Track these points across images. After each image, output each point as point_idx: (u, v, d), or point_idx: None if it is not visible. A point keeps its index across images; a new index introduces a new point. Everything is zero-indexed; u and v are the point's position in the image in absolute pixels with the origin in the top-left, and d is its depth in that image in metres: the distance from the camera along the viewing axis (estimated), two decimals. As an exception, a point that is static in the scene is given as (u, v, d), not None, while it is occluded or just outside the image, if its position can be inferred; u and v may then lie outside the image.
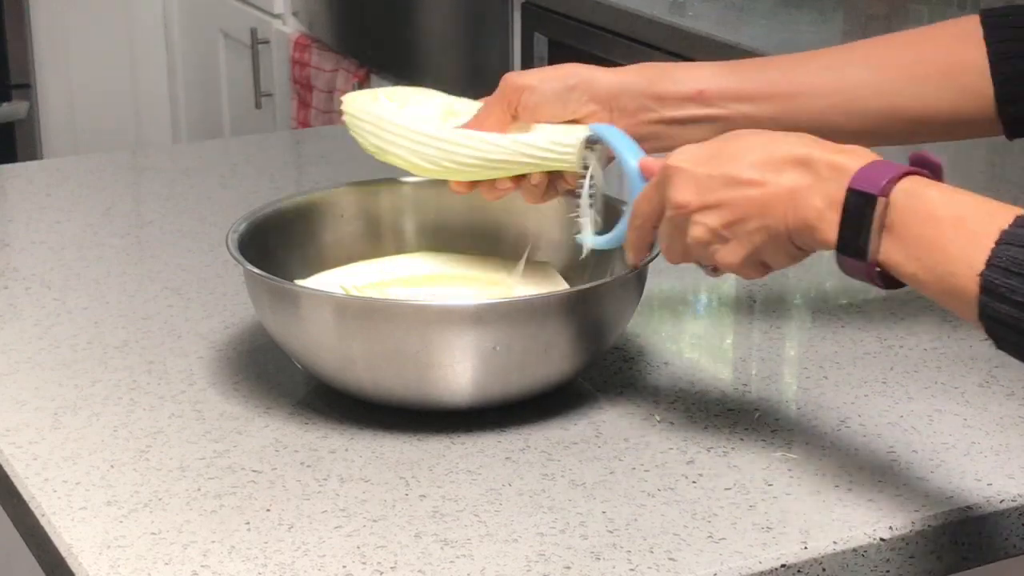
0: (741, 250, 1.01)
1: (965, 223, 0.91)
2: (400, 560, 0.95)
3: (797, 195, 0.97)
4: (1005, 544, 1.03)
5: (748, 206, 0.99)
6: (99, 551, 0.96)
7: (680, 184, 1.02)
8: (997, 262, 0.88)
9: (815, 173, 0.97)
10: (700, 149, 1.03)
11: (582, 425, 1.12)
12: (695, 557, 0.95)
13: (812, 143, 0.99)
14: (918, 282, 0.93)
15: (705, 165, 1.02)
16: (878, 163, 0.96)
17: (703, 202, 1.01)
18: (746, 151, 1.01)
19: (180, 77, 4.05)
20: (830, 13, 2.49)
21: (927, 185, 0.94)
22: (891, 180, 0.94)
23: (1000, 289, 0.87)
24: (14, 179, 1.71)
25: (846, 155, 0.97)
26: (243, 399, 1.16)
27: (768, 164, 0.99)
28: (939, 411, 1.15)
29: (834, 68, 1.19)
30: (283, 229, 1.25)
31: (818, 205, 0.96)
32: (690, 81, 1.17)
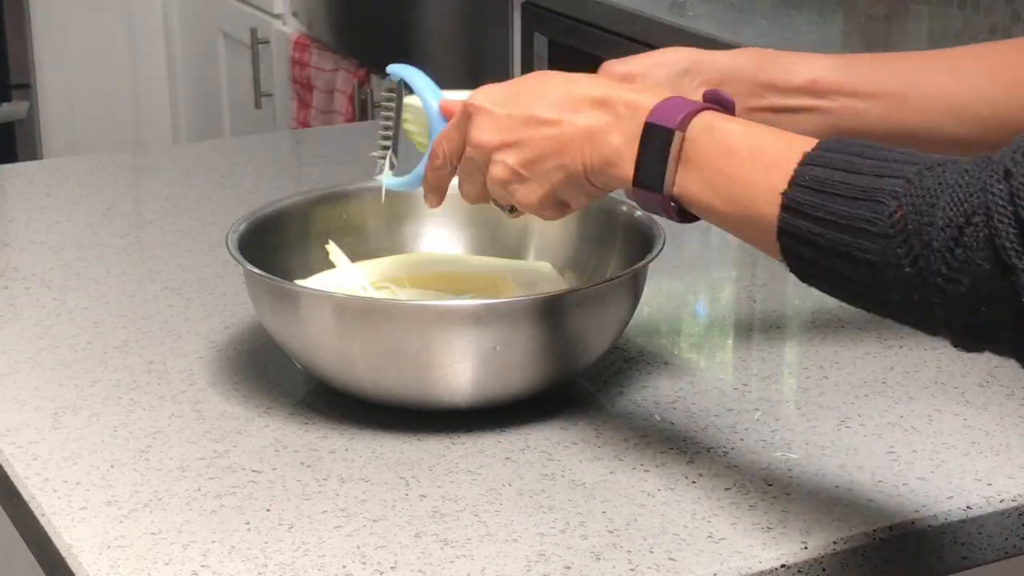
0: (539, 189, 1.03)
1: (764, 151, 0.92)
2: (400, 560, 0.95)
3: (595, 134, 0.99)
4: (1005, 544, 1.03)
5: (546, 145, 1.01)
6: (99, 551, 0.96)
7: (480, 123, 1.04)
8: (800, 181, 0.89)
9: (613, 112, 0.99)
10: (501, 89, 1.05)
11: (582, 425, 1.12)
12: (695, 557, 0.95)
13: (608, 83, 1.01)
14: (715, 212, 0.95)
15: (505, 105, 1.03)
16: (674, 99, 0.97)
17: (502, 141, 1.03)
18: (546, 91, 1.02)
19: (180, 77, 4.05)
20: (830, 13, 2.49)
21: (724, 119, 0.96)
22: (687, 115, 0.96)
23: (803, 206, 0.88)
24: (14, 179, 1.71)
25: (643, 93, 0.99)
26: (243, 399, 1.16)
27: (567, 104, 1.01)
28: (939, 411, 1.15)
29: (949, 72, 1.17)
30: (283, 229, 1.25)
31: (616, 143, 0.98)
32: (804, 71, 1.16)
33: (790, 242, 0.90)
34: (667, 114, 0.96)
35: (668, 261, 1.32)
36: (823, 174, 0.88)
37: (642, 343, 1.26)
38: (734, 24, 2.36)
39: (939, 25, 2.43)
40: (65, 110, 4.00)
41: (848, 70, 1.17)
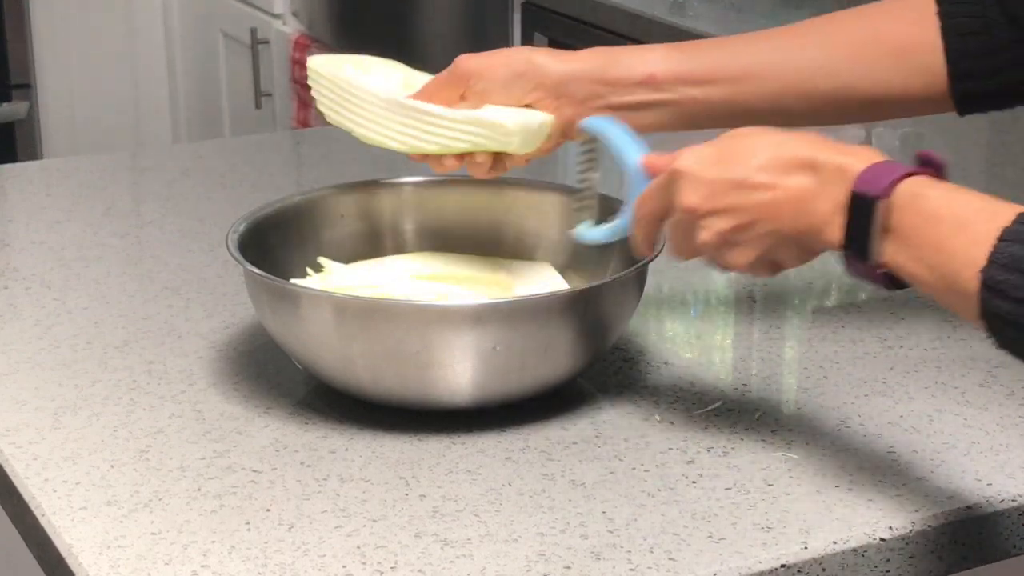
0: (751, 253, 1.01)
1: (966, 222, 0.91)
2: (400, 560, 0.95)
3: (804, 198, 0.97)
4: (1005, 544, 1.03)
5: (757, 210, 0.99)
6: (99, 551, 0.96)
7: (688, 188, 1.01)
8: (998, 259, 0.88)
9: (820, 176, 0.97)
10: (707, 150, 1.02)
11: (582, 425, 1.12)
12: (695, 557, 0.95)
13: (818, 144, 0.99)
14: (922, 282, 0.93)
15: (713, 168, 1.01)
16: (882, 164, 0.95)
17: (712, 207, 1.00)
18: (753, 153, 1.00)
19: (180, 77, 4.05)
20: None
21: (929, 185, 0.94)
22: (893, 181, 0.94)
23: (1001, 286, 0.87)
24: (14, 179, 1.71)
25: (851, 156, 0.97)
26: (243, 399, 1.16)
27: (775, 167, 0.99)
28: (939, 411, 1.15)
29: (784, 49, 1.18)
30: (283, 229, 1.25)
31: (824, 209, 0.96)
32: (640, 65, 1.17)
33: (994, 322, 0.89)
34: (872, 181, 0.94)
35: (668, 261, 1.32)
36: (1019, 252, 0.87)
37: (642, 343, 1.26)
38: (734, 24, 2.36)
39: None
40: (65, 110, 4.00)
41: (684, 59, 1.17)
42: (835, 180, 0.96)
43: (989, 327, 0.90)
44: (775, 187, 0.98)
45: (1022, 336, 0.88)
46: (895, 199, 0.93)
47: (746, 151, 1.01)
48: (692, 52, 1.19)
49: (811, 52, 1.18)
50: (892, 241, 0.94)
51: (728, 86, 1.16)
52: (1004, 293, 0.87)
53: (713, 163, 1.01)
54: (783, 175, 0.98)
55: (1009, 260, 0.87)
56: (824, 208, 0.96)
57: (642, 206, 1.07)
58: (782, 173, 0.98)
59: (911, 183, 0.94)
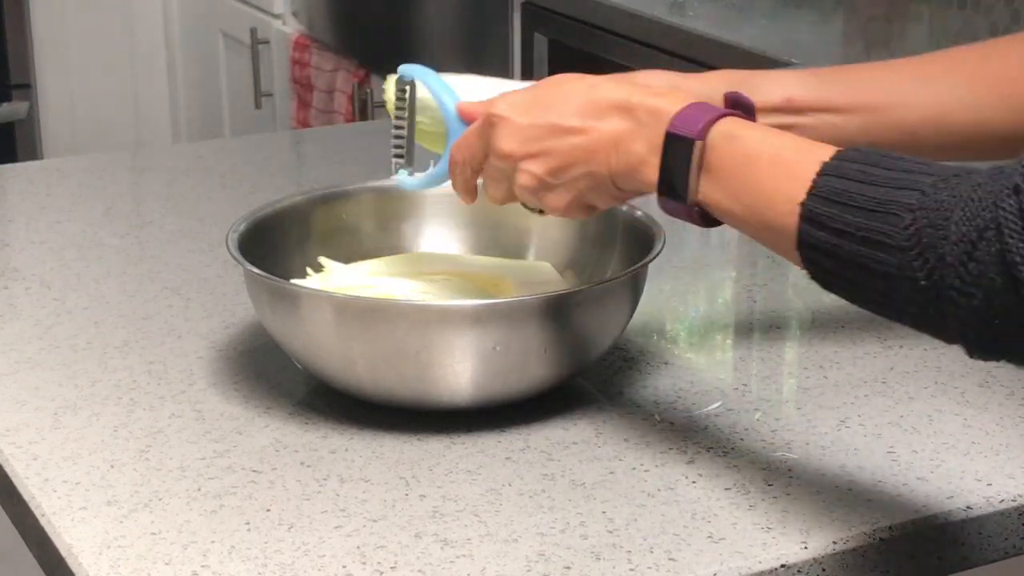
0: (567, 195, 1.04)
1: (783, 160, 0.93)
2: (400, 560, 0.95)
3: (619, 141, 1.00)
4: (1005, 544, 1.03)
5: (572, 154, 1.02)
6: (99, 551, 0.96)
7: (504, 133, 1.04)
8: (818, 192, 0.89)
9: (635, 118, 0.99)
10: (521, 96, 1.05)
11: (582, 425, 1.12)
12: (695, 557, 0.96)
13: (631, 87, 1.01)
14: (738, 219, 0.95)
15: (528, 114, 1.03)
16: (695, 106, 0.98)
17: (527, 151, 1.03)
18: (567, 97, 1.03)
19: (180, 77, 4.05)
20: (830, 13, 2.49)
21: (744, 126, 0.96)
22: (708, 123, 0.96)
23: (821, 217, 0.88)
24: (14, 179, 1.71)
25: (664, 99, 0.99)
26: (243, 399, 1.16)
27: (590, 111, 1.01)
28: (939, 411, 1.15)
29: (925, 80, 1.16)
30: (283, 229, 1.25)
31: (639, 150, 0.99)
32: (778, 90, 1.15)
33: (810, 253, 0.90)
34: (687, 123, 0.97)
35: (668, 261, 1.32)
36: (840, 184, 0.88)
37: (642, 343, 1.26)
38: (734, 24, 2.36)
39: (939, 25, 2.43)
40: (65, 110, 4.00)
41: (822, 85, 1.16)
42: (649, 122, 0.99)
43: (805, 259, 0.91)
44: (589, 130, 1.01)
45: (838, 266, 0.89)
46: (710, 139, 0.96)
47: (560, 96, 1.03)
48: (829, 78, 1.17)
49: (951, 84, 1.16)
50: (708, 180, 0.96)
51: (866, 115, 1.14)
52: (822, 223, 0.88)
53: (528, 108, 1.04)
54: (597, 118, 1.01)
55: (829, 192, 0.89)
56: (639, 149, 0.99)
57: (459, 152, 1.09)
58: (596, 116, 1.01)
59: (726, 123, 0.96)
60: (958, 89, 1.16)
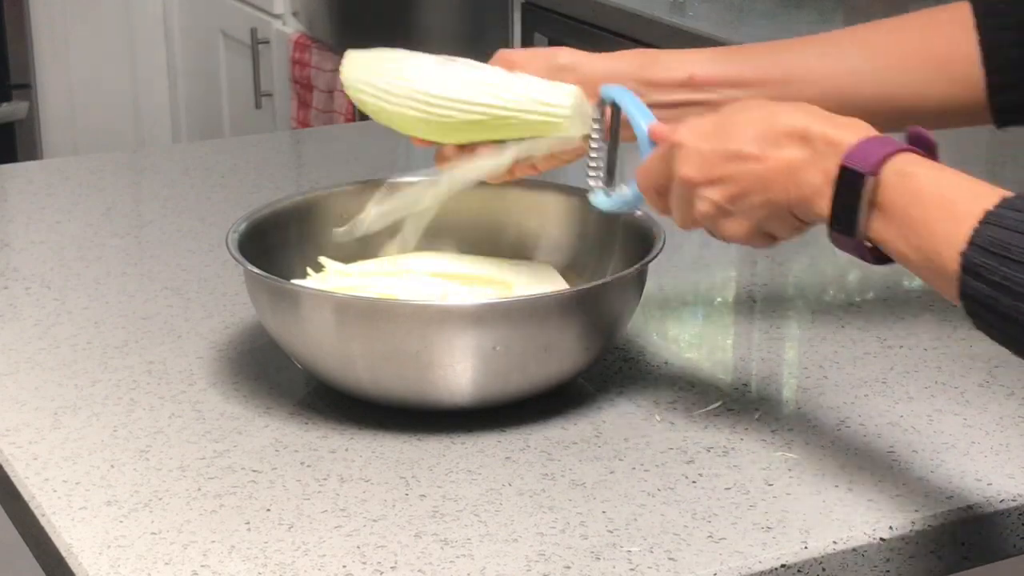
0: (746, 222, 1.02)
1: (951, 203, 0.92)
2: (400, 560, 0.95)
3: (796, 169, 0.98)
4: (1005, 544, 1.03)
5: (750, 181, 1.00)
6: (99, 551, 0.96)
7: (684, 159, 1.03)
8: (978, 241, 0.88)
9: (812, 147, 0.98)
10: (704, 122, 1.04)
11: (582, 425, 1.12)
12: (695, 557, 0.95)
13: (811, 114, 1.00)
14: (906, 260, 0.94)
15: (708, 140, 1.02)
16: (873, 139, 0.96)
17: (706, 177, 1.02)
18: (747, 124, 1.01)
19: (180, 77, 4.05)
20: (830, 13, 2.49)
21: (918, 163, 0.95)
22: (883, 158, 0.94)
23: (980, 269, 0.88)
24: (14, 179, 1.71)
25: (843, 129, 0.98)
26: (243, 399, 1.16)
27: (768, 138, 1.00)
28: (939, 411, 1.15)
29: (827, 55, 1.19)
30: (283, 229, 1.25)
31: (815, 180, 0.97)
32: (681, 67, 1.17)
33: (970, 304, 0.90)
34: (862, 156, 0.95)
35: (668, 261, 1.32)
36: (1001, 235, 0.88)
37: (642, 343, 1.26)
38: (734, 24, 2.36)
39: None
40: (65, 110, 4.00)
41: (726, 61, 1.18)
42: (826, 152, 0.97)
43: (967, 308, 0.90)
44: (766, 158, 1.00)
45: (998, 319, 0.88)
46: (883, 176, 0.94)
47: (741, 123, 1.02)
48: (734, 55, 1.19)
49: (854, 59, 1.18)
50: (878, 217, 0.95)
51: (769, 89, 1.16)
52: (981, 276, 0.88)
53: (709, 135, 1.03)
54: (774, 146, 0.99)
55: (989, 243, 0.88)
56: (814, 180, 0.97)
57: (644, 177, 1.08)
58: (773, 144, 0.99)
59: (900, 160, 0.95)
60: (861, 62, 1.18)
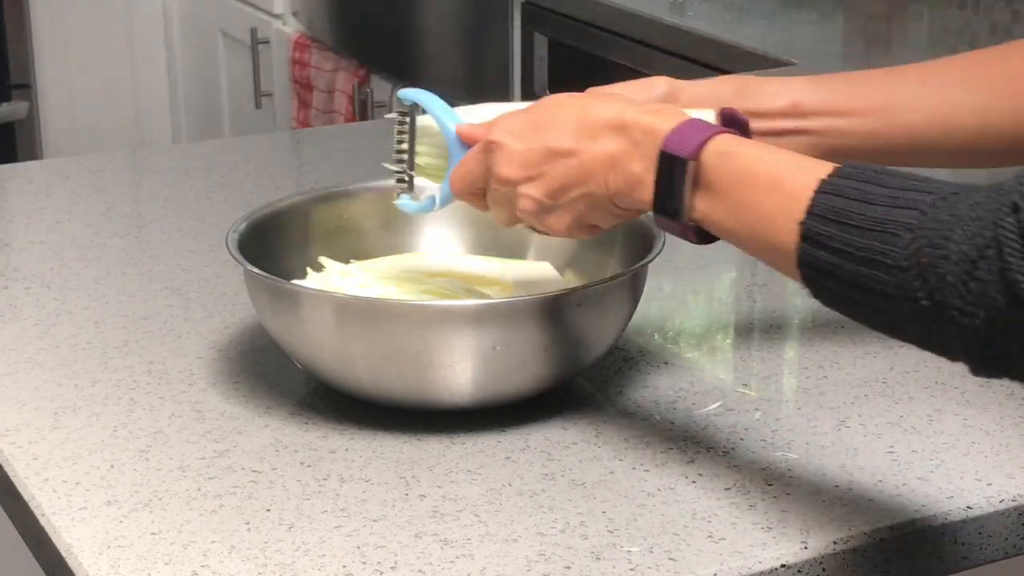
0: (568, 216, 1.04)
1: (780, 177, 0.93)
2: (400, 560, 0.95)
3: (615, 160, 1.00)
4: (1005, 544, 1.03)
5: (569, 175, 1.02)
6: (99, 551, 0.96)
7: (502, 159, 1.04)
8: (816, 210, 0.89)
9: (630, 137, 0.99)
10: (518, 120, 1.05)
11: (582, 425, 1.12)
12: (695, 557, 0.96)
13: (624, 105, 1.01)
14: (736, 237, 0.95)
15: (524, 138, 1.04)
16: (689, 123, 0.97)
17: (525, 175, 1.04)
18: (562, 120, 1.03)
19: (180, 77, 4.05)
20: (830, 13, 2.49)
21: (739, 143, 0.96)
22: (701, 141, 0.96)
23: (819, 236, 0.88)
24: (14, 179, 1.71)
25: (658, 116, 0.99)
26: (243, 399, 1.16)
27: (584, 131, 1.01)
28: (939, 411, 1.15)
29: (930, 84, 1.16)
30: (283, 229, 1.25)
31: (635, 169, 0.99)
32: (784, 94, 1.15)
33: (810, 272, 0.90)
34: (681, 141, 0.96)
35: (668, 261, 1.32)
36: (839, 203, 0.88)
37: (642, 343, 1.26)
38: (734, 24, 2.36)
39: (939, 25, 2.43)
40: (65, 110, 4.00)
41: (828, 90, 1.16)
42: (643, 141, 0.98)
43: (806, 276, 0.91)
44: (584, 151, 1.01)
45: (839, 286, 0.88)
46: (705, 158, 0.96)
47: (555, 118, 1.03)
48: (836, 83, 1.17)
49: (958, 88, 1.16)
50: (705, 198, 0.96)
51: (872, 118, 1.14)
52: (821, 243, 0.88)
53: (524, 132, 1.04)
54: (591, 139, 1.01)
55: (827, 211, 0.88)
56: (635, 168, 0.99)
57: (459, 179, 1.09)
58: (590, 137, 1.01)
59: (720, 141, 0.96)
60: (964, 92, 1.16)
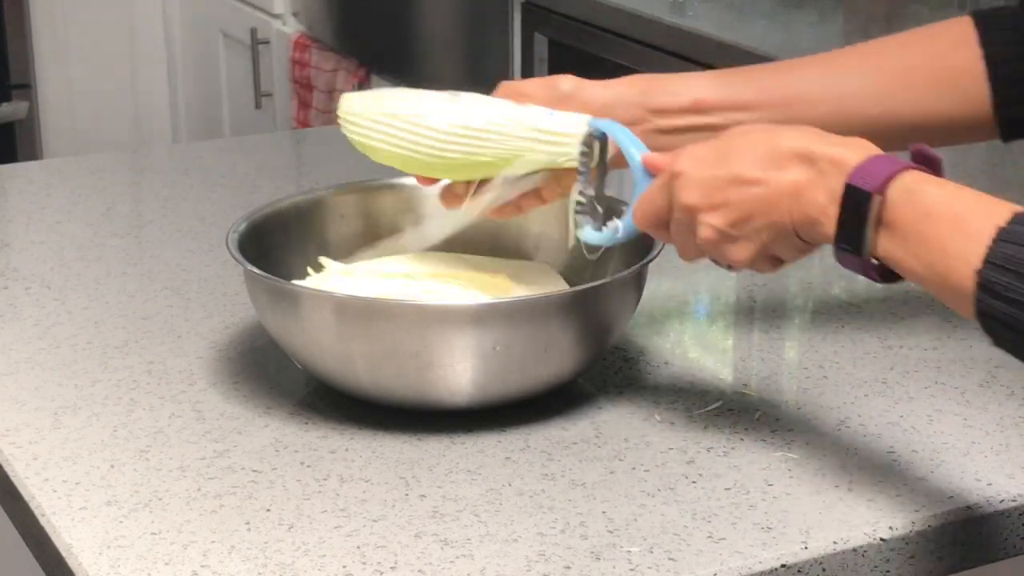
0: (751, 247, 1.01)
1: (963, 220, 0.91)
2: (400, 560, 0.95)
3: (800, 191, 0.98)
4: (1005, 544, 1.03)
5: (753, 205, 1.00)
6: (99, 551, 0.96)
7: (685, 187, 1.02)
8: (993, 259, 0.88)
9: (816, 168, 0.97)
10: (704, 149, 1.03)
11: (582, 425, 1.12)
12: (695, 557, 0.95)
13: (813, 136, 0.99)
14: (917, 277, 0.94)
15: (709, 167, 1.02)
16: (877, 158, 0.96)
17: (709, 203, 1.01)
18: (748, 148, 1.01)
19: (180, 77, 4.05)
20: (830, 13, 2.49)
21: (925, 181, 0.94)
22: (889, 176, 0.94)
23: (996, 286, 0.88)
24: (14, 179, 1.71)
25: (846, 148, 0.97)
26: (243, 399, 1.16)
27: (770, 161, 0.99)
28: (939, 411, 1.15)
29: (830, 75, 1.19)
30: (283, 229, 1.25)
31: (820, 201, 0.97)
32: (686, 91, 1.17)
33: (987, 321, 0.89)
34: (868, 175, 0.94)
35: (668, 261, 1.32)
36: (1016, 252, 0.88)
37: (642, 343, 1.26)
38: (734, 24, 2.36)
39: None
40: (65, 110, 4.00)
41: (730, 84, 1.17)
42: (831, 172, 0.96)
43: (984, 326, 0.90)
44: (769, 181, 0.99)
45: (1016, 336, 0.88)
46: (890, 194, 0.94)
47: (742, 147, 1.01)
48: (738, 78, 1.18)
49: (857, 78, 1.18)
50: (887, 235, 0.94)
51: (775, 111, 1.16)
52: (998, 293, 0.88)
53: (710, 161, 1.02)
54: (777, 168, 0.99)
55: (1004, 260, 0.88)
56: (819, 200, 0.97)
57: (643, 209, 1.07)
58: (776, 166, 0.99)
59: (907, 178, 0.94)
60: (866, 81, 1.17)
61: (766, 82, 1.18)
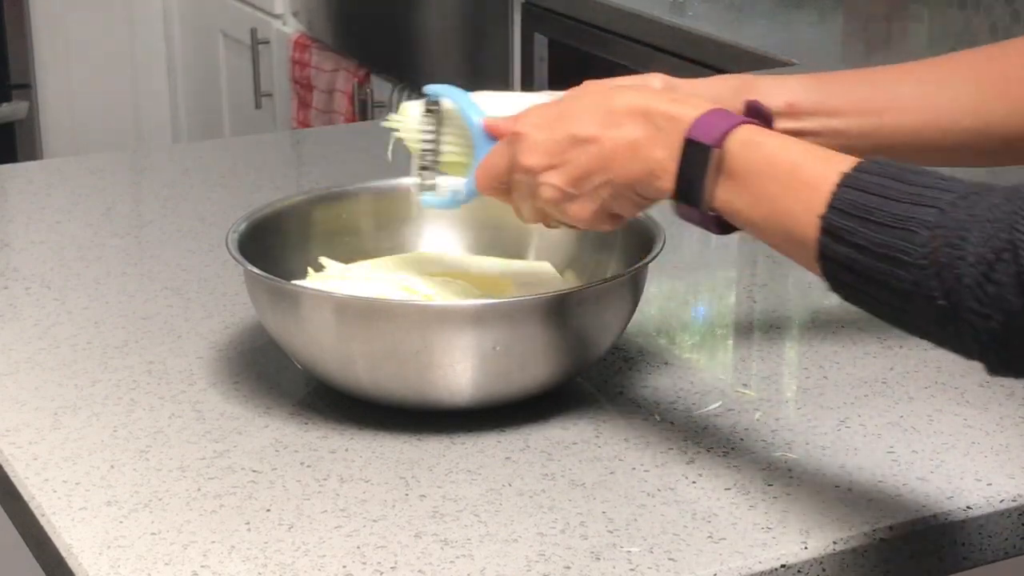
0: (591, 205, 1.04)
1: (803, 168, 0.93)
2: (400, 560, 0.95)
3: (637, 147, 1.00)
4: (1005, 544, 1.03)
5: (591, 162, 1.02)
6: (99, 551, 0.96)
7: (526, 149, 1.04)
8: (837, 204, 0.89)
9: (654, 124, 0.99)
10: (543, 111, 1.05)
11: (582, 425, 1.12)
12: (695, 557, 0.96)
13: (649, 94, 1.01)
14: (756, 227, 0.95)
15: (548, 128, 1.04)
16: (714, 112, 0.98)
17: (549, 163, 1.03)
18: (585, 109, 1.03)
19: (180, 77, 4.05)
20: (830, 13, 2.49)
21: (763, 133, 0.96)
22: (726, 129, 0.96)
23: (840, 231, 0.88)
24: (14, 179, 1.71)
25: (683, 105, 0.99)
26: (243, 399, 1.16)
27: (606, 118, 1.01)
28: (939, 411, 1.15)
29: (927, 83, 1.16)
30: (283, 229, 1.25)
31: (658, 156, 0.99)
32: (780, 94, 1.14)
33: (829, 266, 0.90)
34: (706, 129, 0.97)
35: (668, 261, 1.32)
36: (859, 198, 0.88)
37: (642, 343, 1.26)
38: (734, 24, 2.36)
39: (939, 25, 2.43)
40: (65, 110, 4.00)
41: (824, 90, 1.16)
42: (668, 128, 0.98)
43: (825, 270, 0.91)
44: (606, 138, 1.01)
45: (857, 281, 0.89)
46: (729, 146, 0.96)
47: (579, 107, 1.03)
48: (831, 83, 1.17)
49: (955, 88, 1.16)
50: (726, 187, 0.96)
51: (869, 118, 1.14)
52: (842, 238, 0.88)
53: (549, 122, 1.04)
54: (614, 126, 1.01)
55: (847, 205, 0.88)
56: (658, 155, 0.99)
57: (484, 172, 1.09)
58: (613, 124, 1.01)
59: (744, 131, 0.96)
60: (961, 92, 1.16)
61: (858, 89, 1.16)
